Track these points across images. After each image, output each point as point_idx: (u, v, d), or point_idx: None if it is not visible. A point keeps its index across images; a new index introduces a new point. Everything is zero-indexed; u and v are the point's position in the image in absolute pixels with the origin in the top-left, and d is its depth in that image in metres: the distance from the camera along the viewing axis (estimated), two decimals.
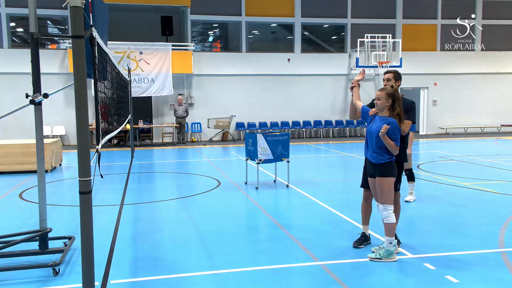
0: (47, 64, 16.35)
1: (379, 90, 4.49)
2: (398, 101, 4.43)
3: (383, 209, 4.40)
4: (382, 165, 4.41)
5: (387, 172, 4.39)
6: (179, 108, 17.64)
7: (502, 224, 5.72)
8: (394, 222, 4.43)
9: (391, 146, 4.32)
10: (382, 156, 4.41)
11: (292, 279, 4.08)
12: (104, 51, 5.53)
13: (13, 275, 4.16)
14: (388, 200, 4.39)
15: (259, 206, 6.98)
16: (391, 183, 4.41)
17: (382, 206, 4.41)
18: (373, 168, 4.50)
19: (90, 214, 3.31)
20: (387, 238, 4.43)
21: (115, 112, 8.01)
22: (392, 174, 4.42)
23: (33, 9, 4.21)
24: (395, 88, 4.57)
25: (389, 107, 4.43)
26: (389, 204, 4.39)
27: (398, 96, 4.46)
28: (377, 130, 4.36)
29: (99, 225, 5.72)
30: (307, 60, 20.13)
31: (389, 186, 4.39)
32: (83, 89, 3.24)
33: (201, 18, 19.57)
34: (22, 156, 10.26)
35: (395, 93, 4.45)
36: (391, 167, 4.41)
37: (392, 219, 4.40)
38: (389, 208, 4.39)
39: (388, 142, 4.30)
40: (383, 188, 4.39)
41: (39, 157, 4.42)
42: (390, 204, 4.40)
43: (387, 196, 4.39)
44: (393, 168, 4.44)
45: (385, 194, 4.39)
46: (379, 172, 4.42)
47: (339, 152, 14.39)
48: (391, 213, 4.39)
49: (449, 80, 21.22)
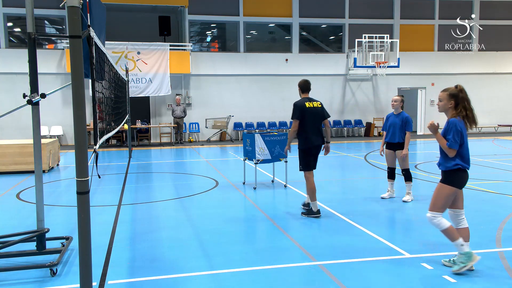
0: (44, 64, 16.31)
1: (441, 91, 4.23)
2: (463, 102, 4.11)
3: (432, 218, 4.10)
4: (445, 172, 4.12)
5: (449, 179, 4.09)
6: (177, 108, 17.63)
7: (499, 224, 5.74)
8: (449, 226, 4.09)
9: (442, 145, 4.07)
10: (447, 163, 4.11)
11: (290, 279, 4.08)
12: (102, 51, 5.52)
13: (10, 275, 4.15)
14: (439, 208, 4.09)
15: (257, 206, 6.98)
16: (449, 192, 4.09)
17: (430, 214, 4.12)
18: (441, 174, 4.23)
19: (87, 214, 3.31)
20: (455, 243, 4.10)
21: (112, 112, 7.99)
22: (455, 183, 4.08)
23: (30, 9, 4.20)
24: (460, 87, 4.18)
25: (452, 108, 4.14)
26: (439, 212, 4.09)
27: (462, 96, 4.12)
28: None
29: (97, 226, 5.71)
30: (305, 60, 20.15)
31: (446, 195, 4.08)
32: (81, 89, 3.23)
33: (199, 18, 19.56)
34: (19, 156, 10.24)
35: (459, 93, 4.12)
36: (455, 175, 4.08)
37: (444, 224, 4.08)
38: (437, 215, 4.09)
39: (438, 137, 4.08)
40: (439, 194, 4.11)
41: (37, 157, 4.41)
42: (441, 212, 4.10)
43: (439, 203, 4.09)
44: (458, 177, 4.09)
45: (438, 200, 4.10)
46: (442, 178, 4.15)
47: (337, 152, 14.40)
48: (440, 219, 4.09)
49: (447, 80, 21.19)
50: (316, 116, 6.31)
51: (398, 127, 6.98)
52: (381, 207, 6.85)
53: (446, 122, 4.17)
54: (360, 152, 14.42)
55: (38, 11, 16.42)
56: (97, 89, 4.98)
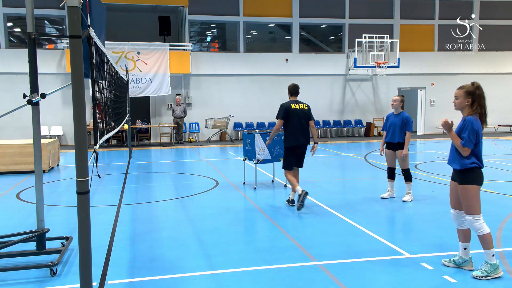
0: (44, 64, 16.32)
1: (458, 88, 4.11)
2: (479, 99, 4.00)
3: (473, 221, 3.97)
4: (462, 172, 4.01)
5: (469, 179, 3.98)
6: (177, 108, 17.63)
7: (499, 224, 5.74)
8: (489, 232, 3.96)
9: (456, 144, 3.99)
10: (462, 161, 3.99)
11: (290, 279, 4.08)
12: (102, 51, 5.52)
13: (10, 275, 4.15)
14: (476, 209, 3.96)
15: (257, 206, 6.98)
16: (475, 191, 3.98)
17: (470, 217, 3.98)
18: (455, 173, 4.14)
19: (87, 214, 3.31)
20: (487, 251, 3.97)
21: (112, 112, 7.99)
22: (476, 181, 3.98)
23: (30, 9, 4.20)
24: (477, 84, 4.04)
25: (469, 106, 4.03)
26: (477, 214, 3.96)
27: (479, 94, 4.00)
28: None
29: (97, 226, 5.71)
30: (305, 60, 20.15)
31: (473, 194, 3.97)
32: (81, 89, 3.23)
33: (199, 18, 19.55)
34: (20, 156, 10.24)
35: (476, 91, 4.00)
36: (472, 173, 3.98)
37: (485, 229, 3.95)
38: (478, 218, 3.96)
39: (452, 135, 3.99)
40: (467, 197, 3.98)
41: (37, 157, 4.41)
42: (478, 213, 3.97)
43: (472, 204, 3.97)
44: (476, 174, 3.99)
45: (470, 203, 3.97)
46: (461, 179, 4.03)
47: (337, 152, 14.40)
48: (481, 223, 3.95)
49: (447, 80, 21.24)
50: (301, 117, 6.73)
51: (398, 127, 6.98)
52: (381, 207, 6.85)
53: (462, 120, 4.06)
54: (360, 152, 14.41)
55: (38, 11, 16.42)
56: (97, 89, 4.98)
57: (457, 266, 4.22)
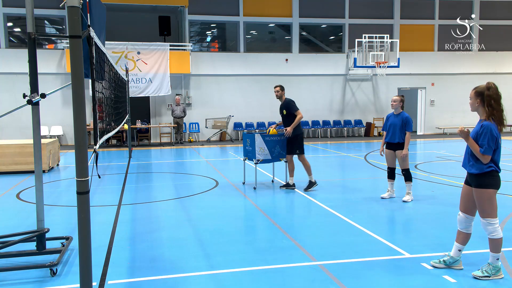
0: (44, 64, 16.33)
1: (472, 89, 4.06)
2: (489, 100, 3.87)
3: (487, 224, 3.94)
4: (479, 176, 3.95)
5: (485, 183, 3.92)
6: (177, 108, 17.63)
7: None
8: (501, 237, 3.93)
9: (475, 151, 3.89)
10: (479, 165, 3.94)
11: (290, 279, 4.08)
12: (102, 51, 5.52)
13: (10, 275, 4.15)
14: (491, 213, 3.93)
15: (257, 206, 6.98)
16: (491, 195, 3.93)
17: (485, 220, 3.95)
18: (469, 176, 4.08)
19: (87, 214, 3.31)
20: (494, 255, 3.96)
21: (112, 112, 7.99)
22: (493, 185, 3.93)
23: (30, 9, 4.20)
24: (489, 85, 3.94)
25: (482, 107, 3.94)
26: (492, 218, 3.93)
27: (488, 94, 3.88)
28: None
29: (97, 226, 5.71)
30: (305, 60, 20.15)
31: (488, 198, 3.92)
32: (81, 89, 3.23)
33: (199, 18, 19.55)
34: (19, 156, 10.24)
35: (485, 91, 3.90)
36: (490, 176, 3.92)
37: (498, 233, 3.92)
38: (493, 222, 3.93)
39: (470, 142, 3.90)
40: (483, 201, 3.94)
41: (37, 157, 4.41)
42: (494, 217, 3.94)
43: (488, 208, 3.93)
44: (494, 178, 3.94)
45: (486, 206, 3.93)
46: (477, 182, 3.97)
47: (337, 152, 14.40)
48: (496, 227, 3.93)
49: (447, 80, 21.27)
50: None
51: (398, 127, 6.98)
52: (381, 207, 6.85)
53: (478, 124, 3.98)
54: (360, 152, 14.41)
55: (38, 11, 16.42)
56: (97, 89, 4.98)
57: (447, 267, 4.21)
